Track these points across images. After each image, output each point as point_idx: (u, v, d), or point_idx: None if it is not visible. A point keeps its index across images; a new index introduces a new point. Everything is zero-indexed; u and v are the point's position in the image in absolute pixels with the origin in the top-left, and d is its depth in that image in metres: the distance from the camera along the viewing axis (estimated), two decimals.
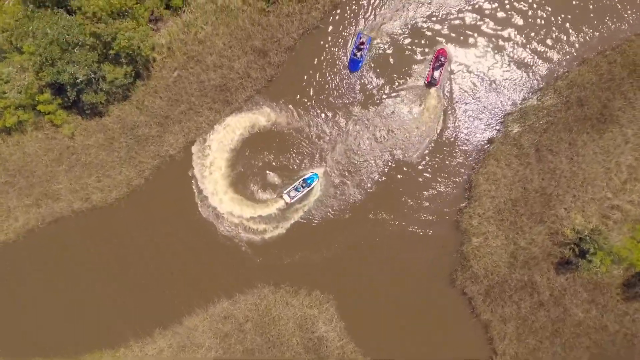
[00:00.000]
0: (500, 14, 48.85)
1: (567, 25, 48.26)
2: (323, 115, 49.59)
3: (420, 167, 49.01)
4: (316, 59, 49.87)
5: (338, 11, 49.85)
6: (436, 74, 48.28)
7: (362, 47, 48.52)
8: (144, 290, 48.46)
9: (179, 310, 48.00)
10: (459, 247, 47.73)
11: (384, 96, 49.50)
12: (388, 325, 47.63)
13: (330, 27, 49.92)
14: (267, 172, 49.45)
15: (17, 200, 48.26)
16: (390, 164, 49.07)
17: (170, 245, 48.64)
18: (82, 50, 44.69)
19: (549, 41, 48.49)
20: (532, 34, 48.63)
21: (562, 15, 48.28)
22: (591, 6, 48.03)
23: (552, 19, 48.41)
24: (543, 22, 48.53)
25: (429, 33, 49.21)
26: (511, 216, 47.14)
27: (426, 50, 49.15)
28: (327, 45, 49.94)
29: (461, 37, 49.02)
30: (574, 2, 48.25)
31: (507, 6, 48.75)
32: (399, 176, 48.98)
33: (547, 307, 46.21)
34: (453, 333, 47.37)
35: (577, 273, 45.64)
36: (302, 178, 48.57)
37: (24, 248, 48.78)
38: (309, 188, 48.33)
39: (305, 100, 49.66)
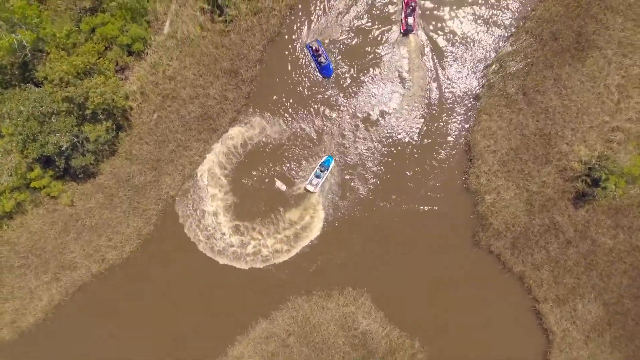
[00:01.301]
0: None
1: None
2: (310, 114, 49.52)
3: (417, 141, 48.99)
4: (288, 63, 49.81)
5: (295, 14, 49.85)
6: (410, 20, 48.39)
7: (318, 53, 48.64)
8: (183, 333, 48.47)
9: (221, 344, 48.07)
10: (474, 209, 47.72)
11: (366, 73, 49.56)
12: (425, 302, 47.69)
13: (293, 28, 49.84)
14: (273, 184, 49.49)
15: (36, 279, 48.34)
16: (389, 143, 49.01)
17: (196, 284, 48.64)
18: (59, 118, 44.69)
19: None
20: None
21: None
22: None
23: None
24: None
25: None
26: (517, 165, 47.10)
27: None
28: (294, 48, 49.84)
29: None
30: None
31: None
32: (399, 154, 48.96)
33: (575, 244, 46.21)
34: (490, 292, 47.40)
35: (595, 203, 45.65)
36: (319, 163, 48.62)
37: (55, 324, 48.82)
38: (328, 171, 48.36)
39: (288, 105, 49.64)
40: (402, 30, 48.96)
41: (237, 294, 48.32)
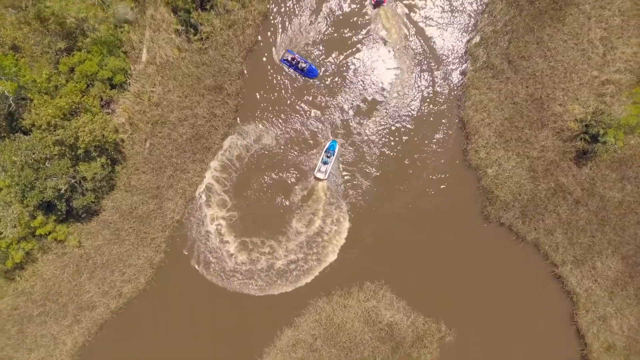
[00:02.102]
0: None
1: None
2: (302, 116, 49.42)
3: (411, 126, 48.83)
4: (272, 70, 49.67)
5: (269, 20, 49.77)
6: None
7: (295, 62, 48.58)
8: (210, 354, 48.35)
9: (249, 359, 48.00)
10: (479, 184, 47.56)
11: (350, 64, 49.53)
12: (445, 284, 47.53)
13: (269, 35, 49.73)
14: (275, 193, 49.42)
15: (56, 325, 48.29)
16: (384, 132, 48.88)
17: (215, 304, 48.47)
18: (53, 162, 44.66)
19: None
20: None
21: None
22: None
23: None
24: None
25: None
26: (513, 134, 46.92)
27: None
28: (275, 53, 49.69)
29: None
30: None
31: None
32: (396, 142, 48.82)
33: (584, 203, 46.03)
34: (508, 265, 47.23)
35: (597, 159, 45.49)
36: (324, 150, 48.38)
37: None
38: (334, 155, 48.20)
39: (278, 111, 49.50)
40: (372, 2, 49.06)
41: (256, 307, 48.21)
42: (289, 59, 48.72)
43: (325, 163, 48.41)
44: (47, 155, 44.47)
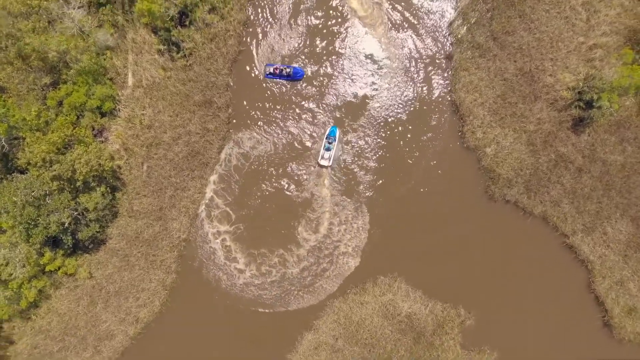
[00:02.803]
0: None
1: None
2: (294, 118, 49.25)
3: (406, 117, 48.61)
4: (259, 76, 49.47)
5: (249, 28, 49.58)
6: None
7: (279, 71, 48.34)
8: None
9: None
10: (479, 165, 47.37)
11: (336, 60, 49.31)
12: (457, 268, 47.41)
13: (251, 41, 49.59)
14: (278, 203, 49.31)
15: (78, 358, 48.36)
16: (379, 124, 48.68)
17: (234, 317, 48.50)
18: (53, 197, 44.63)
19: None
20: None
21: None
22: None
23: None
24: None
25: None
26: (508, 110, 46.69)
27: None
28: (260, 59, 49.52)
29: None
30: None
31: None
32: (392, 134, 48.60)
33: (586, 170, 45.84)
34: (518, 241, 47.05)
35: (594, 124, 45.29)
36: (325, 136, 48.07)
37: None
38: (336, 141, 47.87)
39: (270, 116, 49.35)
40: None
41: (274, 315, 48.19)
42: (272, 71, 48.56)
43: (327, 149, 48.02)
44: (46, 192, 44.44)
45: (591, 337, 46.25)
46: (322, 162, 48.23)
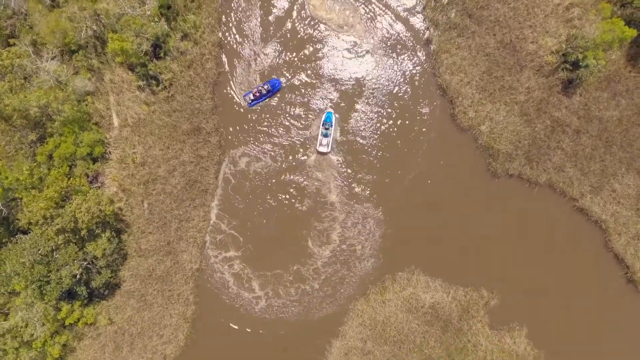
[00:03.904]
0: None
1: None
2: (286, 126, 48.92)
3: (393, 109, 48.22)
4: (241, 95, 49.14)
5: (224, 48, 49.22)
6: None
7: (259, 93, 47.90)
8: None
9: None
10: (477, 144, 46.97)
11: (313, 63, 48.96)
12: (473, 250, 47.05)
13: (227, 62, 49.27)
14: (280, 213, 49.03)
15: None
16: (370, 120, 48.31)
17: (260, 337, 48.31)
18: (60, 251, 44.45)
19: None
20: None
21: None
22: None
23: None
24: None
25: None
26: (496, 84, 46.27)
27: None
28: (241, 77, 49.20)
29: None
30: None
31: None
32: (384, 128, 48.23)
33: (584, 130, 45.44)
34: (528, 213, 46.68)
35: (584, 84, 44.91)
36: (321, 123, 47.45)
37: None
38: (333, 126, 47.34)
39: (261, 130, 49.01)
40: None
41: (299, 327, 47.96)
42: (252, 97, 48.17)
43: (325, 136, 47.42)
44: (52, 247, 44.29)
45: (617, 295, 45.88)
46: (321, 149, 47.56)
